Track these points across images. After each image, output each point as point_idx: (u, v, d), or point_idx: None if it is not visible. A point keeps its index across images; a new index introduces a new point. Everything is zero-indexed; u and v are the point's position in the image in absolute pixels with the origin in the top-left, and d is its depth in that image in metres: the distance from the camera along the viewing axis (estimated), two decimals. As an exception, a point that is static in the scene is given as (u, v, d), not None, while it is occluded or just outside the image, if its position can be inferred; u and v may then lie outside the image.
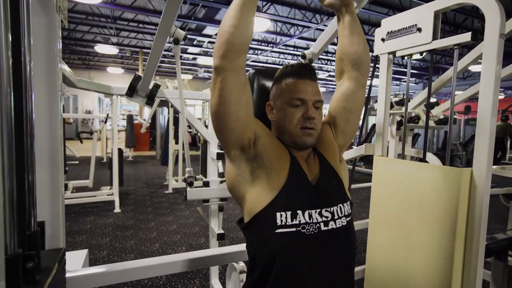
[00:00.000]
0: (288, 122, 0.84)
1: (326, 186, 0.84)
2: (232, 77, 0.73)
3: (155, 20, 7.73)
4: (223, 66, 0.72)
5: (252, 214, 0.79)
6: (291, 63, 0.90)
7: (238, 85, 0.74)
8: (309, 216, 0.77)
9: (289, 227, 0.75)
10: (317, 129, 0.86)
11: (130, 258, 2.61)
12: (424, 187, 1.31)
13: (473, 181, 1.17)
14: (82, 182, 4.49)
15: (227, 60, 0.71)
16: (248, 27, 0.73)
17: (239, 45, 0.72)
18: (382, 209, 1.52)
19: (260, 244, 0.81)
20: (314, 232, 0.77)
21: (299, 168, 0.83)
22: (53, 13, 0.83)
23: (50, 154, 0.86)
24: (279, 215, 0.76)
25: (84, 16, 7.43)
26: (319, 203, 0.80)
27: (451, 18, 6.85)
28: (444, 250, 1.22)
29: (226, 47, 0.71)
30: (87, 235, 3.05)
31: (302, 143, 0.84)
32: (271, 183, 0.79)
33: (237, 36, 0.71)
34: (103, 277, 1.12)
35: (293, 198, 0.78)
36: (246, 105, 0.77)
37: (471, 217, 1.19)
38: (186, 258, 1.15)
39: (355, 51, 0.92)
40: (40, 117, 0.82)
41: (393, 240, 1.44)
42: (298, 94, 0.84)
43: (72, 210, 3.80)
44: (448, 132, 1.34)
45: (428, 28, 1.37)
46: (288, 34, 8.00)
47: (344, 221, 0.82)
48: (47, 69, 0.83)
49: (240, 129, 0.78)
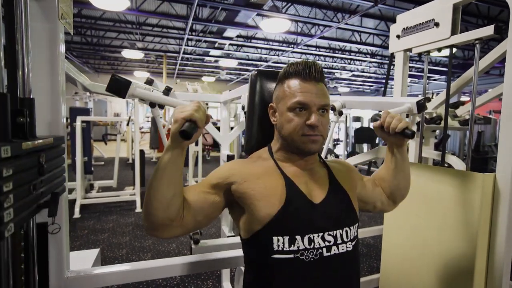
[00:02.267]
0: (290, 128, 0.77)
1: (332, 206, 0.77)
2: (175, 231, 0.71)
3: (178, 25, 7.92)
4: (156, 235, 0.70)
5: (251, 232, 0.75)
6: (296, 61, 0.82)
7: (186, 228, 0.72)
8: (309, 241, 0.71)
9: (287, 253, 0.70)
10: (324, 135, 0.78)
11: (147, 257, 2.67)
12: (442, 193, 1.22)
13: (497, 187, 1.08)
14: (107, 182, 4.67)
15: (157, 232, 0.69)
16: (173, 202, 0.67)
17: (166, 220, 0.68)
18: (397, 215, 1.44)
19: (256, 266, 0.77)
20: (315, 259, 0.71)
21: (296, 188, 0.76)
22: (55, 20, 0.85)
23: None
24: (276, 240, 0.71)
25: (111, 23, 7.76)
26: (321, 226, 0.73)
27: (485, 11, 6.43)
28: (463, 263, 1.13)
29: (150, 225, 0.68)
30: (108, 234, 3.16)
31: (306, 150, 0.78)
32: (265, 209, 0.73)
33: (159, 215, 0.67)
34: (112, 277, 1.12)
35: (290, 222, 0.72)
36: (204, 219, 0.75)
37: (495, 227, 1.09)
38: (189, 261, 1.15)
39: (396, 185, 0.93)
40: (41, 119, 0.85)
41: (408, 249, 1.35)
42: (300, 98, 0.75)
43: (97, 209, 3.96)
44: (469, 133, 1.24)
45: (446, 22, 1.28)
46: (309, 34, 7.89)
47: (350, 246, 0.75)
48: (48, 72, 0.85)
49: (214, 218, 0.79)
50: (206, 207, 0.74)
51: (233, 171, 0.78)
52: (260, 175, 0.77)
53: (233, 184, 0.75)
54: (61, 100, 0.88)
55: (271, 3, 6.01)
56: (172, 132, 0.64)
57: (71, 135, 3.78)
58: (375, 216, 3.92)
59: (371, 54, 10.15)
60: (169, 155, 0.66)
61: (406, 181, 0.93)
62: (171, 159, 0.66)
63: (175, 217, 0.69)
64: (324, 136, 0.79)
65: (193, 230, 0.74)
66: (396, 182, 0.92)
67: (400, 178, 0.92)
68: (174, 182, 0.67)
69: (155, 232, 0.69)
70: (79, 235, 3.10)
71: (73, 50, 10.41)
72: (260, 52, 10.36)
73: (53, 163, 0.78)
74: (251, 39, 8.98)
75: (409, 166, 0.93)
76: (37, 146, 0.68)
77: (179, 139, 0.64)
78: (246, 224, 0.76)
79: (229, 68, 12.19)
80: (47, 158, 0.72)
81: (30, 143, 0.65)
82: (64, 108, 0.90)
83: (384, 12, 6.67)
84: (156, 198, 0.66)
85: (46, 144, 0.72)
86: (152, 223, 0.68)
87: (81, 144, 3.71)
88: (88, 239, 3.02)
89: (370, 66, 11.61)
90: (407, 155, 0.92)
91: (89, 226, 3.37)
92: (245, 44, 9.30)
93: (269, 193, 0.74)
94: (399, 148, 0.89)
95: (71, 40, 9.34)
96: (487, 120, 7.54)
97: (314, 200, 0.76)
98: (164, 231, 0.69)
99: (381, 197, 0.95)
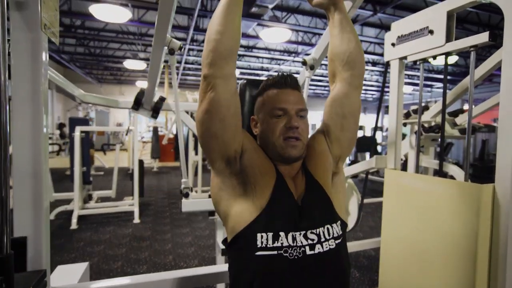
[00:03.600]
0: (271, 133, 0.80)
1: (311, 205, 0.77)
2: (222, 85, 0.70)
3: (180, 35, 8.01)
4: (212, 74, 0.70)
5: (234, 233, 0.75)
6: (278, 72, 0.88)
7: (227, 93, 0.71)
8: (293, 239, 0.71)
9: (270, 249, 0.69)
10: (303, 140, 0.80)
11: (143, 269, 2.61)
12: (440, 205, 1.18)
13: (496, 198, 1.03)
14: (106, 193, 4.64)
15: (216, 67, 0.70)
16: (234, 32, 0.70)
17: (227, 52, 0.70)
18: (394, 227, 1.39)
19: (240, 266, 0.75)
20: (298, 257, 0.70)
21: (285, 187, 0.77)
22: (38, 29, 0.84)
23: (33, 168, 0.85)
24: (260, 236, 0.70)
25: (114, 34, 7.87)
26: (304, 225, 0.73)
27: (485, 19, 6.44)
28: (465, 277, 1.08)
29: (213, 55, 0.69)
30: (104, 245, 3.11)
31: (286, 155, 0.78)
32: (255, 200, 0.74)
33: (224, 42, 0.69)
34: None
35: (275, 218, 0.73)
36: (234, 114, 0.74)
37: (495, 241, 1.04)
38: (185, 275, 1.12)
39: (345, 50, 0.84)
40: (20, 130, 0.83)
41: (407, 262, 1.30)
42: (279, 104, 0.80)
43: (94, 220, 3.92)
44: (467, 142, 1.20)
45: (441, 29, 1.26)
46: (309, 43, 7.94)
47: (333, 244, 0.74)
48: (29, 82, 0.83)
49: (227, 139, 0.74)
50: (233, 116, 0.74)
51: (253, 144, 0.82)
52: (264, 162, 0.80)
53: (246, 151, 0.78)
54: (42, 112, 0.86)
55: (271, 13, 6.06)
56: None
57: (70, 145, 3.78)
58: (377, 227, 3.85)
59: (373, 63, 10.18)
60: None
61: (355, 41, 0.85)
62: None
63: (234, 54, 0.72)
64: (304, 140, 0.80)
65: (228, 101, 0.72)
66: (346, 47, 0.84)
67: (349, 39, 0.84)
68: (240, 12, 0.71)
69: (220, 61, 0.69)
70: (74, 247, 3.05)
71: (77, 60, 10.55)
72: (261, 62, 10.43)
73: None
74: (252, 49, 9.05)
75: (354, 27, 0.87)
76: None
77: None
78: (235, 218, 0.75)
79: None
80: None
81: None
82: (46, 119, 0.88)
83: (384, 21, 6.71)
84: (225, 23, 0.68)
85: None
86: (217, 51, 0.69)
87: (79, 154, 3.70)
88: (84, 251, 2.97)
89: (371, 74, 11.63)
90: (347, 15, 0.87)
91: (86, 237, 3.32)
92: (246, 54, 9.38)
93: (265, 180, 0.76)
94: (336, 5, 0.85)
95: (75, 51, 9.48)
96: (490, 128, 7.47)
97: (297, 199, 0.77)
98: (228, 61, 0.70)
99: (342, 90, 0.86)
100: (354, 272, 2.59)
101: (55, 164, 7.35)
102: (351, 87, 0.85)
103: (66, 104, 12.83)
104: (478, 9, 5.54)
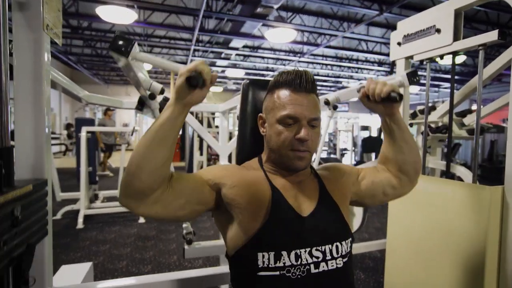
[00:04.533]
0: (279, 142, 0.75)
1: (321, 219, 0.73)
2: (150, 211, 0.64)
3: (185, 36, 8.04)
4: (129, 207, 0.63)
5: (235, 249, 0.72)
6: (287, 69, 0.80)
7: (166, 210, 0.66)
8: (296, 257, 0.68)
9: (272, 270, 0.67)
10: (311, 151, 0.76)
11: (147, 269, 2.62)
12: (447, 207, 1.15)
13: (505, 200, 1.01)
14: (112, 193, 4.67)
15: (133, 201, 0.62)
16: (158, 167, 0.61)
17: (146, 189, 0.61)
18: (400, 230, 1.36)
19: (242, 283, 0.73)
20: (302, 276, 0.67)
21: (283, 201, 0.73)
22: (40, 30, 0.84)
23: (33, 167, 0.85)
24: (261, 256, 0.67)
25: (120, 35, 7.92)
26: (309, 240, 0.70)
27: (494, 18, 6.33)
28: (471, 280, 1.05)
29: (129, 191, 0.61)
30: (110, 245, 3.13)
31: (293, 167, 0.76)
32: (251, 222, 0.70)
33: (142, 179, 0.60)
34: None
35: (276, 236, 0.69)
36: (189, 211, 0.70)
37: (504, 242, 1.01)
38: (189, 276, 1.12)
39: (402, 159, 0.83)
40: (23, 131, 0.83)
41: (413, 265, 1.28)
42: (290, 111, 0.72)
43: (100, 219, 3.95)
44: (475, 143, 1.17)
45: (448, 28, 1.23)
46: (315, 43, 7.89)
47: (340, 263, 0.71)
48: (31, 82, 0.84)
49: (195, 215, 0.72)
50: (194, 192, 0.70)
51: (226, 172, 0.76)
52: (250, 184, 0.74)
53: (223, 186, 0.73)
54: (44, 112, 0.86)
55: (276, 14, 6.05)
56: (176, 86, 0.60)
57: (76, 146, 3.81)
58: (383, 228, 3.80)
59: (379, 63, 10.08)
60: (169, 112, 0.61)
61: (413, 153, 0.83)
62: (170, 117, 0.61)
63: (158, 186, 0.62)
64: (312, 151, 0.76)
65: (171, 215, 0.68)
66: (401, 156, 0.83)
67: (405, 151, 0.82)
68: (167, 143, 0.62)
69: (131, 200, 0.61)
70: (80, 246, 3.08)
71: (84, 62, 10.66)
72: (266, 62, 10.40)
73: (32, 211, 0.74)
74: (258, 49, 9.04)
75: (412, 136, 0.85)
76: (11, 199, 0.63)
77: (184, 91, 0.60)
78: (232, 237, 0.73)
79: (236, 78, 12.27)
80: (24, 206, 0.69)
81: (2, 197, 0.60)
82: (47, 119, 0.88)
83: (391, 20, 6.63)
84: (145, 157, 0.60)
85: (22, 194, 0.68)
86: (131, 187, 0.60)
87: (86, 154, 3.73)
88: (90, 250, 2.99)
89: (378, 74, 11.53)
90: (404, 124, 0.82)
91: (92, 237, 3.35)
92: (251, 54, 9.37)
93: (256, 204, 0.71)
94: (392, 117, 0.80)
95: (82, 52, 9.58)
96: (500, 129, 7.32)
97: (303, 214, 0.73)
98: (141, 201, 0.62)
99: (389, 181, 0.86)
100: (359, 274, 2.56)
101: (63, 164, 7.43)
102: (401, 185, 0.87)
103: (73, 105, 12.98)
104: (487, 8, 5.45)
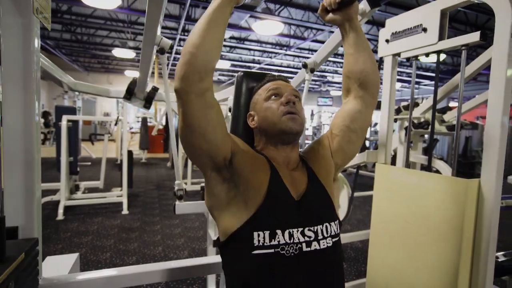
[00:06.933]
0: (270, 113, 0.82)
1: (312, 202, 0.78)
2: (196, 101, 0.67)
3: (170, 25, 7.85)
4: (183, 88, 0.66)
5: (228, 234, 0.75)
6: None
7: (204, 109, 0.68)
8: (290, 236, 0.71)
9: (267, 248, 0.70)
10: (301, 116, 0.83)
11: (132, 261, 2.60)
12: (428, 198, 1.22)
13: (481, 193, 1.07)
14: (93, 183, 4.57)
15: (189, 82, 0.66)
16: (212, 47, 0.67)
17: (202, 67, 0.66)
18: (384, 220, 1.43)
19: (236, 266, 0.75)
20: (295, 254, 0.70)
21: (280, 182, 0.77)
22: (30, 14, 0.81)
23: (25, 157, 0.83)
24: (257, 235, 0.70)
25: (102, 21, 7.64)
26: (301, 221, 0.74)
27: (473, 18, 6.56)
28: (449, 267, 1.13)
29: (187, 69, 0.65)
30: (92, 236, 3.08)
31: (288, 128, 0.79)
32: (248, 201, 0.73)
33: (199, 57, 0.65)
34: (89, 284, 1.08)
35: (272, 216, 0.73)
36: (215, 127, 0.71)
37: (479, 232, 1.09)
38: (174, 266, 1.12)
39: (361, 70, 0.86)
40: (12, 119, 0.80)
41: (395, 253, 1.34)
42: (273, 88, 0.86)
43: (81, 210, 3.87)
44: (455, 139, 1.24)
45: (434, 28, 1.28)
46: (301, 37, 7.92)
47: (330, 242, 0.76)
48: (21, 68, 0.81)
49: (212, 151, 0.73)
50: (223, 129, 0.74)
51: (240, 141, 0.82)
52: (256, 158, 0.80)
53: (238, 150, 0.77)
54: (35, 100, 0.84)
55: (264, 5, 6.01)
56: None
57: (56, 135, 3.69)
58: (364, 220, 3.94)
59: (363, 59, 10.24)
60: (217, 3, 0.67)
61: (371, 62, 0.85)
62: (221, 4, 0.67)
63: (210, 68, 0.68)
64: (301, 116, 0.83)
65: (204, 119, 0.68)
66: (360, 67, 0.85)
67: (364, 59, 0.85)
68: (219, 26, 0.68)
69: (185, 82, 0.66)
70: (61, 238, 3.01)
71: (62, 47, 10.22)
72: (253, 54, 10.35)
73: (24, 278, 0.72)
74: (244, 41, 8.97)
75: (369, 44, 0.88)
76: (4, 279, 0.60)
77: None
78: (230, 219, 0.74)
79: (221, 69, 12.15)
80: (18, 279, 0.66)
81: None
82: (37, 108, 0.86)
83: (376, 17, 6.74)
84: (200, 36, 0.65)
85: (16, 266, 0.65)
86: (188, 65, 0.65)
87: (66, 144, 3.62)
88: (71, 242, 2.93)
89: (361, 70, 11.71)
90: (362, 31, 0.86)
91: (73, 228, 3.28)
92: (238, 46, 9.28)
93: (259, 179, 0.76)
94: (351, 23, 0.83)
95: (61, 37, 9.17)
96: (474, 126, 7.69)
97: (295, 197, 0.77)
98: (194, 85, 0.66)
99: (354, 107, 0.88)
100: (341, 263, 2.66)
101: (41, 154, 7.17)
102: (365, 104, 0.88)
103: (51, 92, 12.45)
104: (466, 9, 5.65)
